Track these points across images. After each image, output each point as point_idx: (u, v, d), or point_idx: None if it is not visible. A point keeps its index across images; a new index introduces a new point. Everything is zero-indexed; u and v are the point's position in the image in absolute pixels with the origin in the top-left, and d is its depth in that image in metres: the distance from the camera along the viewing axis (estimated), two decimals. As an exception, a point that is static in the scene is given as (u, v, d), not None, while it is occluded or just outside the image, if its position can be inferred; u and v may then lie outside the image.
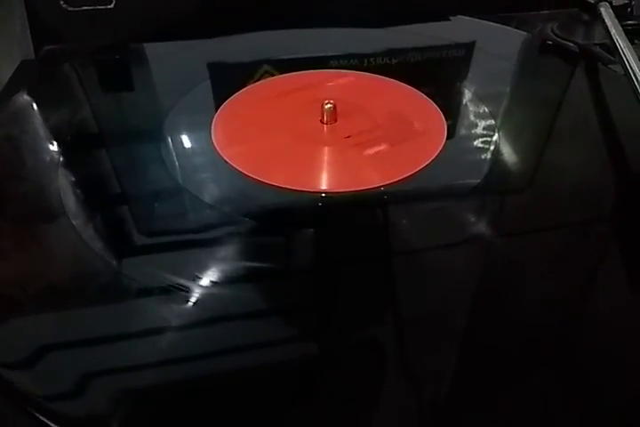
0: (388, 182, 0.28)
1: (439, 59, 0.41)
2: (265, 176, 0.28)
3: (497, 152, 0.31)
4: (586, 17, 0.42)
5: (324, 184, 0.28)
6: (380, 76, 0.37)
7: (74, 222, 0.26)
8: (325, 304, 0.24)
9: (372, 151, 0.30)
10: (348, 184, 0.28)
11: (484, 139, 0.32)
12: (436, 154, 0.30)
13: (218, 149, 0.30)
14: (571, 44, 0.41)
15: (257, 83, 0.36)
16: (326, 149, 0.30)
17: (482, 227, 0.27)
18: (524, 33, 0.43)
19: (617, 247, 0.27)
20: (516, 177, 0.30)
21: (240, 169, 0.29)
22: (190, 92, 0.36)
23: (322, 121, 0.31)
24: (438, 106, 0.34)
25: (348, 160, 0.30)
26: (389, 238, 0.27)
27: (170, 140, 0.32)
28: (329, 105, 0.31)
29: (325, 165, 0.29)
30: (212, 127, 0.32)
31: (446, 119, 0.32)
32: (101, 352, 0.21)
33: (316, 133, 0.31)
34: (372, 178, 0.28)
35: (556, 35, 0.43)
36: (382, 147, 0.30)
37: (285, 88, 0.35)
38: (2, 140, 0.32)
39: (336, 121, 0.31)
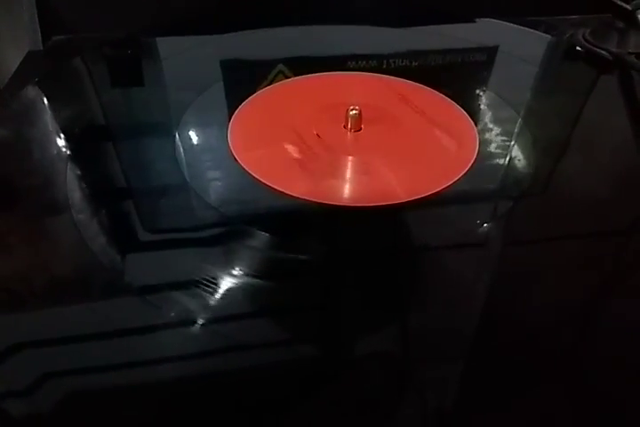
0: (413, 198, 0.26)
1: (464, 62, 0.39)
2: (283, 185, 0.27)
3: (531, 166, 0.29)
4: (620, 24, 0.40)
5: (345, 197, 0.27)
6: (404, 80, 0.35)
7: (79, 217, 0.25)
8: (336, 319, 0.23)
9: (397, 162, 0.28)
10: (370, 198, 0.26)
11: (518, 152, 0.30)
12: (467, 168, 0.28)
13: (235, 153, 0.29)
14: (603, 52, 0.39)
15: (276, 84, 0.35)
16: (350, 158, 0.29)
17: (509, 249, 0.26)
18: (556, 39, 0.41)
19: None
20: (553, 193, 0.29)
21: (257, 176, 0.27)
22: (204, 91, 0.34)
23: (345, 127, 0.30)
24: (467, 113, 0.32)
25: (372, 171, 0.28)
26: (409, 259, 0.25)
27: (183, 142, 0.30)
28: (354, 111, 0.29)
29: (348, 177, 0.28)
30: (229, 130, 0.30)
31: (477, 128, 0.31)
32: (98, 349, 0.21)
33: (339, 141, 0.30)
34: (396, 192, 0.27)
35: (587, 41, 0.41)
36: (410, 158, 0.29)
37: (306, 91, 0.34)
38: (10, 134, 0.31)
39: (361, 128, 0.30)
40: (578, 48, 0.40)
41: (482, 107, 0.34)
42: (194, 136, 0.31)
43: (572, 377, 0.21)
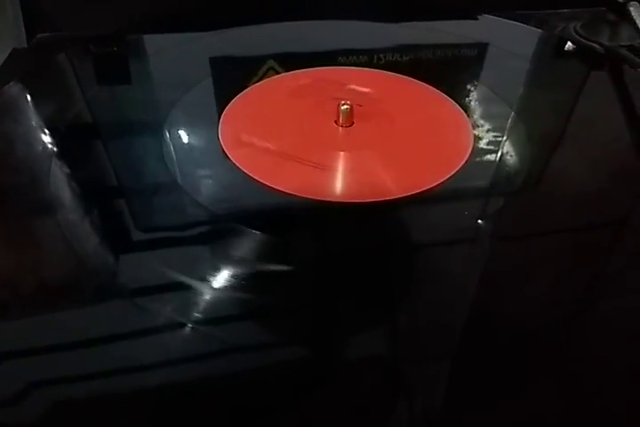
0: (407, 194, 0.26)
1: (455, 57, 0.39)
2: (274, 181, 0.26)
3: (525, 162, 0.29)
4: (612, 17, 0.39)
5: (336, 193, 0.26)
6: (396, 74, 0.35)
7: (65, 217, 0.25)
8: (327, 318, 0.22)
9: (390, 158, 0.28)
10: (362, 194, 0.26)
11: (512, 147, 0.30)
12: (461, 163, 0.27)
13: (226, 150, 0.28)
14: (595, 46, 0.39)
15: (267, 80, 0.34)
16: (341, 154, 0.28)
17: (504, 245, 0.25)
18: (548, 33, 0.41)
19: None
20: (547, 188, 0.28)
21: (248, 172, 0.27)
22: (193, 87, 0.34)
23: (337, 123, 0.29)
24: (461, 107, 0.32)
25: (364, 167, 0.28)
26: (402, 257, 0.25)
27: (172, 139, 0.30)
28: (345, 106, 0.29)
29: (339, 172, 0.27)
30: (220, 126, 0.30)
31: (470, 123, 0.30)
32: (89, 355, 0.20)
33: (331, 137, 0.29)
34: (389, 188, 0.26)
35: (579, 35, 0.41)
36: (402, 153, 0.28)
37: (297, 86, 0.33)
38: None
39: (352, 124, 0.29)
40: (570, 42, 0.40)
41: (475, 102, 0.33)
42: (183, 133, 0.30)
43: (564, 376, 0.20)
